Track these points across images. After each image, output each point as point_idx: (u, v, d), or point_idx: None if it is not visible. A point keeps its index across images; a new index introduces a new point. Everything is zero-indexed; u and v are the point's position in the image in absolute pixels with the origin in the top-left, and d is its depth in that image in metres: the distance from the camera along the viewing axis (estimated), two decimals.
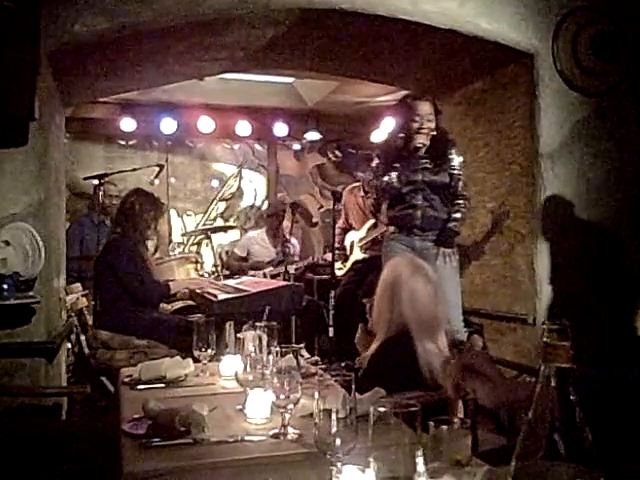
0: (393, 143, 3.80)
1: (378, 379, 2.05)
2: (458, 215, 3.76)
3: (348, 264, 5.49)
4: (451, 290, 3.56)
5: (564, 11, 3.78)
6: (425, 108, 3.66)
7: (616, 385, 1.25)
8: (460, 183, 3.75)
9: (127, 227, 3.92)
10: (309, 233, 7.42)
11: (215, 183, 7.30)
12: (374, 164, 3.86)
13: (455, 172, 3.72)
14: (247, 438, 1.62)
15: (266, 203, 7.42)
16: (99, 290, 3.96)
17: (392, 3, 3.49)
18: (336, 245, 5.41)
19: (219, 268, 5.75)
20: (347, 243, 5.53)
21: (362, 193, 5.49)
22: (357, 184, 5.66)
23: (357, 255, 5.43)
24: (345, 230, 5.57)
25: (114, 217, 4.13)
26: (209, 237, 5.93)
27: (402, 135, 3.72)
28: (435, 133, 3.69)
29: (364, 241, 5.36)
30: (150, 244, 4.09)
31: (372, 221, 5.35)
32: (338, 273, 5.33)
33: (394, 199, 3.76)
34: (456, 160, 3.73)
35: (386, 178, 3.67)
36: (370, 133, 6.64)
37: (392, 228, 3.83)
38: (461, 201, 3.76)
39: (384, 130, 6.41)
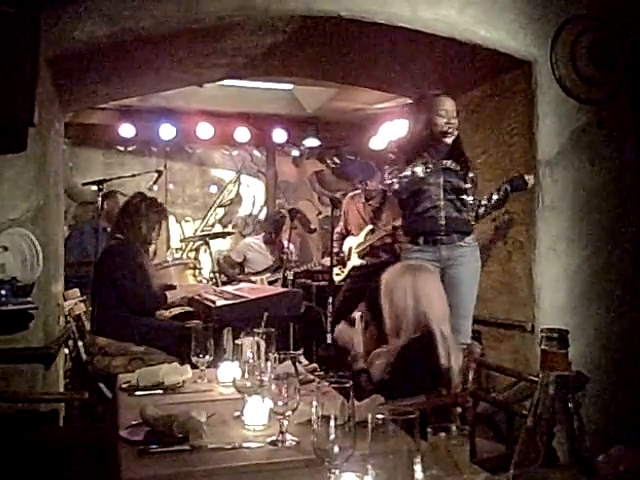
0: (417, 138, 3.56)
1: (408, 378, 2.36)
2: (482, 210, 3.66)
3: (346, 270, 5.52)
4: (471, 289, 3.51)
5: (562, 19, 3.79)
6: (449, 104, 3.51)
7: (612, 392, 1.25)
8: (476, 192, 3.64)
9: (129, 232, 3.86)
10: (307, 239, 7.42)
11: (214, 189, 7.30)
12: (388, 167, 3.63)
13: (475, 181, 3.61)
14: (245, 445, 1.61)
15: (265, 209, 7.42)
16: (96, 295, 3.94)
17: (391, 11, 3.50)
18: (335, 250, 5.44)
19: (217, 274, 5.74)
20: (345, 248, 5.56)
21: (363, 200, 5.54)
22: (358, 191, 5.69)
23: (354, 261, 5.46)
24: (343, 236, 5.61)
25: (115, 221, 4.08)
26: (207, 243, 5.93)
27: (427, 132, 3.51)
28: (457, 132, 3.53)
29: (361, 247, 5.40)
30: (150, 249, 4.05)
31: (370, 227, 5.39)
32: (336, 278, 5.34)
33: (414, 198, 3.54)
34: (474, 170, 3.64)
35: (408, 171, 3.45)
36: (369, 140, 6.66)
37: (408, 237, 3.65)
38: (485, 202, 3.66)
39: (384, 137, 6.43)
